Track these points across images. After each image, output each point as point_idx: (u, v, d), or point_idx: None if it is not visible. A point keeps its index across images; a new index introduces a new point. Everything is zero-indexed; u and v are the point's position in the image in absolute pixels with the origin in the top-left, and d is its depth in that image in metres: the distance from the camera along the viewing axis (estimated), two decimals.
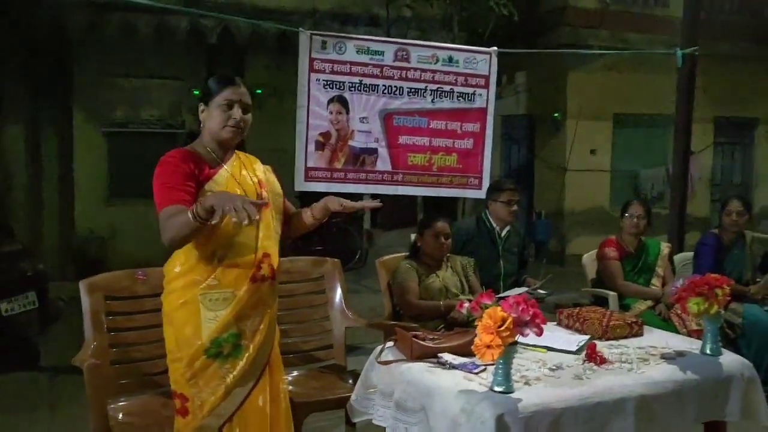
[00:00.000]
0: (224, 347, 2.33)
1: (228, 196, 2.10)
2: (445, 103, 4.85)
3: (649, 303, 4.26)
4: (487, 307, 2.24)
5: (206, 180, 2.33)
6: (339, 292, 3.49)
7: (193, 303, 2.32)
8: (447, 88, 4.84)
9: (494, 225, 4.24)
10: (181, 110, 8.92)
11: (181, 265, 2.36)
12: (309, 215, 2.58)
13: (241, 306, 2.34)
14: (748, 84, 10.37)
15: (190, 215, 2.13)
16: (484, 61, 4.91)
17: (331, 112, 4.63)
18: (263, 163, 2.63)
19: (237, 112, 2.36)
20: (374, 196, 9.62)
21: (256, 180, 2.48)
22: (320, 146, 4.63)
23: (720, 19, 9.81)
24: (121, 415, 2.75)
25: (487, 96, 4.94)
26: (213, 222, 2.12)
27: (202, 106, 2.40)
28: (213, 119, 2.36)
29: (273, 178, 2.59)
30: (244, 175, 2.45)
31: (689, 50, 5.54)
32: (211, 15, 7.36)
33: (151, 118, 9.02)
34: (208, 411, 2.32)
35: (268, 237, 2.45)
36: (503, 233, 4.23)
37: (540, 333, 2.23)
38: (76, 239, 8.65)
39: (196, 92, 2.46)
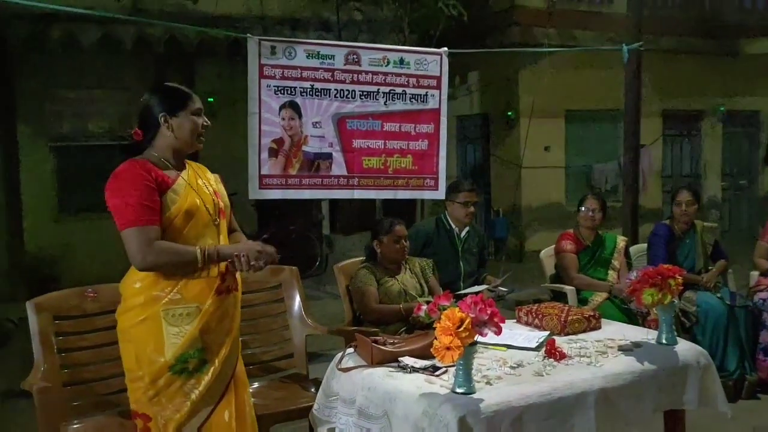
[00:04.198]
0: (190, 363, 2.28)
1: (245, 248, 2.31)
2: (398, 105, 4.83)
3: (605, 295, 4.32)
4: (445, 309, 2.23)
5: (166, 190, 2.30)
6: (298, 299, 3.45)
7: (154, 319, 2.26)
8: (399, 90, 4.82)
9: (453, 226, 4.25)
10: (130, 122, 8.70)
11: (141, 280, 2.29)
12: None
13: (206, 320, 2.30)
14: (693, 77, 10.65)
15: (199, 257, 2.24)
16: (435, 62, 4.90)
17: (283, 118, 4.56)
18: (219, 171, 2.62)
19: (205, 119, 2.42)
20: (332, 206, 9.63)
21: (212, 189, 2.48)
22: (274, 153, 4.56)
23: (663, 14, 10.05)
24: None
25: (440, 97, 4.93)
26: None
27: (164, 116, 2.35)
28: (184, 129, 2.36)
29: (222, 188, 2.58)
30: (201, 184, 2.43)
31: (634, 46, 5.65)
32: (158, 23, 7.22)
33: (99, 130, 8.81)
34: (173, 430, 2.27)
35: None
36: (462, 234, 4.25)
37: (499, 332, 2.23)
38: (26, 258, 8.39)
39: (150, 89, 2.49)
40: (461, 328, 2.14)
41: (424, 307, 2.37)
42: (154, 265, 2.24)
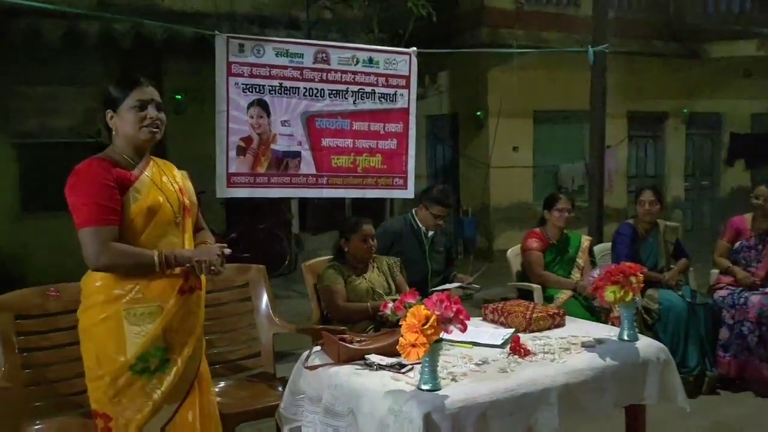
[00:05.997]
0: (151, 362, 2.25)
1: (205, 252, 2.29)
2: (367, 104, 4.85)
3: (570, 292, 4.38)
4: (411, 306, 2.24)
5: (127, 188, 2.26)
6: (265, 298, 3.44)
7: (115, 318, 2.23)
8: (368, 89, 4.84)
9: (420, 225, 4.27)
10: (96, 119, 8.57)
11: (101, 279, 2.26)
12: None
13: (169, 319, 2.28)
14: (657, 79, 10.85)
15: (156, 261, 2.21)
16: (404, 61, 4.93)
17: (251, 116, 4.55)
18: (186, 169, 2.58)
19: (152, 111, 2.32)
20: (302, 205, 9.60)
21: (177, 187, 2.43)
22: (242, 151, 4.55)
23: (628, 17, 10.22)
24: None
25: (409, 96, 4.96)
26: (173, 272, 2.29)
27: (110, 113, 2.31)
28: (127, 123, 2.29)
29: (189, 185, 2.54)
30: (165, 181, 2.39)
31: (599, 48, 5.75)
32: (124, 19, 7.12)
33: (64, 128, 8.65)
34: (134, 430, 2.24)
35: (191, 247, 2.41)
36: (429, 233, 4.27)
37: (464, 329, 2.26)
38: None
39: None
40: (426, 326, 2.16)
41: (390, 304, 2.39)
42: (108, 266, 2.21)
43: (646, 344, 2.85)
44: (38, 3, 4.91)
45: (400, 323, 2.28)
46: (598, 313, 4.21)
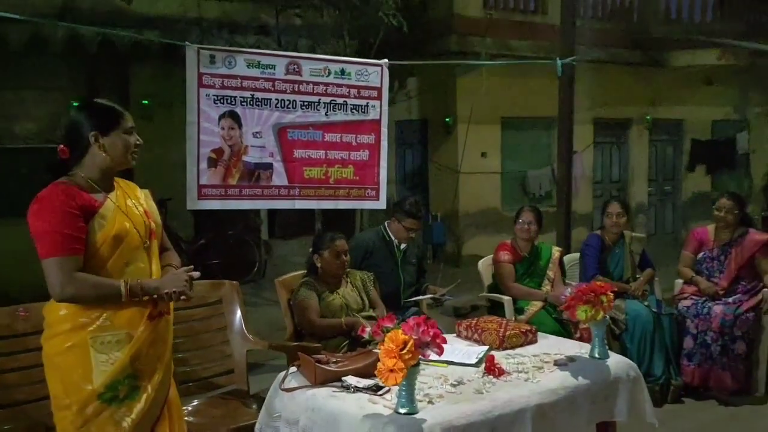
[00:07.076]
0: (120, 391, 2.22)
1: (172, 280, 2.28)
2: (339, 116, 4.85)
3: (540, 304, 4.45)
4: (388, 331, 2.26)
5: (92, 215, 2.22)
6: (238, 314, 3.42)
7: (82, 346, 2.19)
8: (340, 100, 4.84)
9: (393, 238, 4.30)
10: (61, 124, 8.41)
11: (66, 307, 2.21)
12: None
13: (138, 346, 2.24)
14: (622, 87, 11.03)
15: (123, 292, 2.18)
16: (375, 73, 4.95)
17: (222, 128, 4.52)
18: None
19: (136, 137, 2.36)
20: (271, 211, 9.53)
21: (142, 210, 2.40)
22: (213, 163, 4.51)
23: (594, 26, 10.38)
24: None
25: (381, 107, 4.98)
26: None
27: (95, 134, 2.27)
28: (117, 148, 2.29)
29: (152, 204, 2.51)
30: (130, 205, 2.36)
31: (567, 60, 5.82)
32: (91, 29, 6.98)
33: (28, 132, 8.46)
34: None
35: (159, 271, 2.38)
36: (402, 245, 4.30)
37: (441, 352, 2.28)
38: None
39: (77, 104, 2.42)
40: (404, 351, 2.17)
41: (368, 329, 2.40)
42: (73, 297, 2.17)
43: (617, 361, 2.91)
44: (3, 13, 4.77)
45: (377, 344, 2.29)
46: (568, 325, 4.28)
